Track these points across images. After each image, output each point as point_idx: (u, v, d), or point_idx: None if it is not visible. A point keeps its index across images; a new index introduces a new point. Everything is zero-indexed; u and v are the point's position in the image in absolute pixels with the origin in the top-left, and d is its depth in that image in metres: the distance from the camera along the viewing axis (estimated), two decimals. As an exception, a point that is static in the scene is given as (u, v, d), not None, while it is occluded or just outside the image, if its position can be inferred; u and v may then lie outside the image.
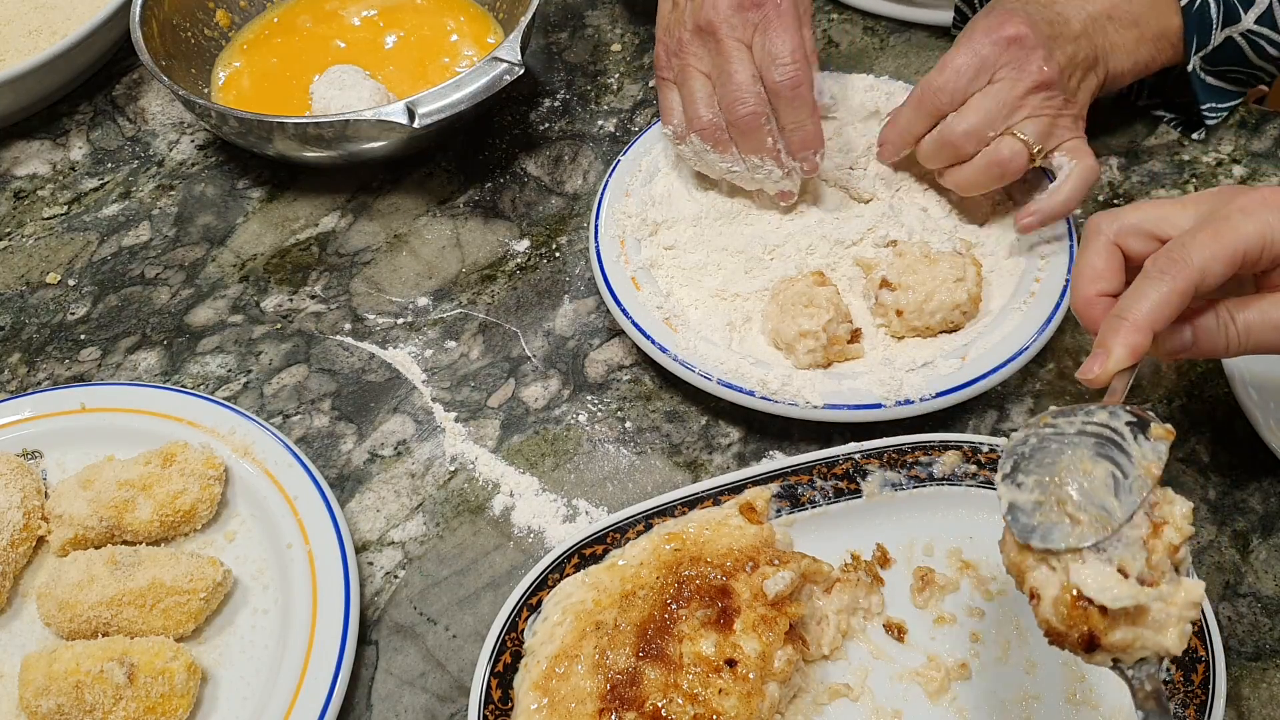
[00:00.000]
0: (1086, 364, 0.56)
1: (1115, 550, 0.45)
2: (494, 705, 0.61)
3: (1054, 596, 0.46)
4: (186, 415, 0.75)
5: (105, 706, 0.60)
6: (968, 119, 0.77)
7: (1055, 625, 0.46)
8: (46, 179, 0.99)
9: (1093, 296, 0.59)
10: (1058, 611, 0.46)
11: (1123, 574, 0.45)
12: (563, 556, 0.66)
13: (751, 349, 0.77)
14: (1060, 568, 0.46)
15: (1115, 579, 0.45)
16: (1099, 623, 0.45)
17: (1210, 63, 0.87)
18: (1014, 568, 0.49)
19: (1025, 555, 0.48)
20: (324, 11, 1.07)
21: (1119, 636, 0.45)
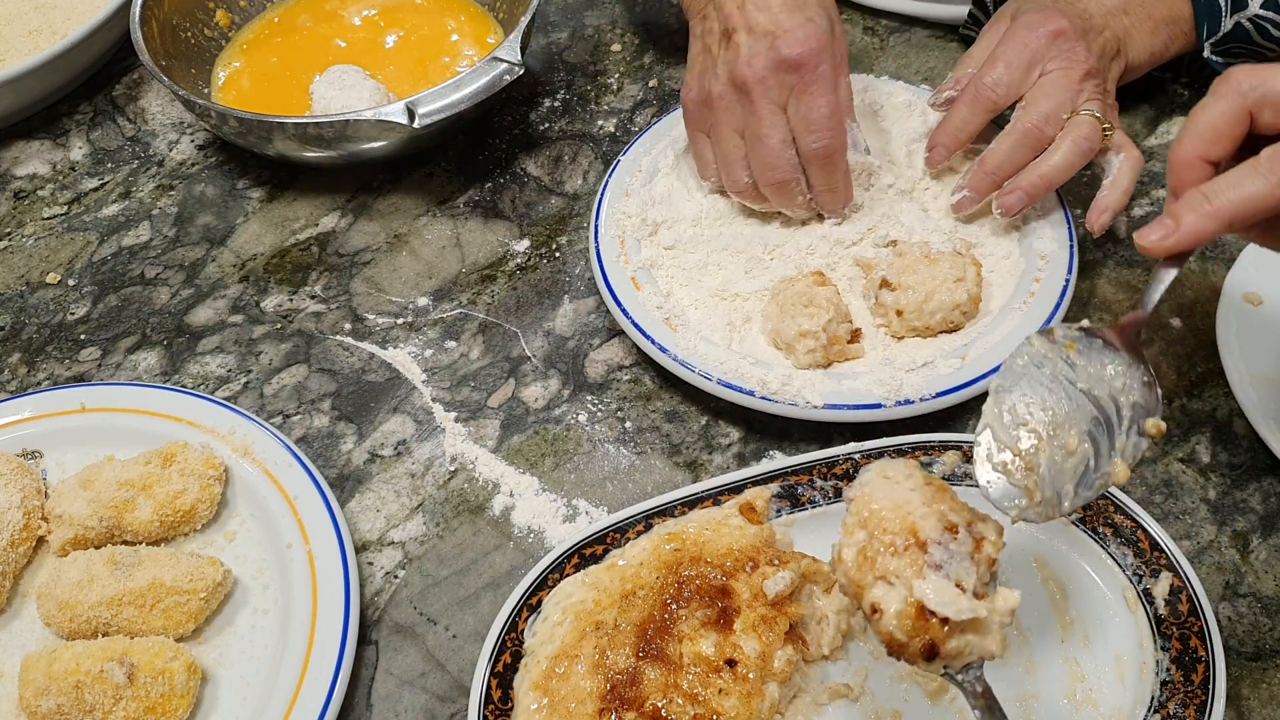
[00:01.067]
0: (1149, 227, 0.54)
1: (952, 567, 0.49)
2: (494, 705, 0.61)
3: (897, 610, 0.49)
4: (186, 415, 0.75)
5: (105, 706, 0.60)
6: (1041, 105, 0.77)
7: (898, 637, 0.49)
8: (46, 179, 0.99)
9: (1195, 158, 0.55)
10: (901, 624, 0.49)
11: (960, 588, 0.48)
12: (563, 556, 0.66)
13: (751, 349, 0.77)
14: (901, 583, 0.49)
15: (955, 594, 0.48)
16: (939, 633, 0.48)
17: (1219, 46, 0.87)
18: (852, 584, 0.51)
19: (865, 573, 0.50)
20: (324, 11, 1.07)
21: (954, 645, 0.49)
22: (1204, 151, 0.55)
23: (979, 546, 0.51)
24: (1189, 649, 0.62)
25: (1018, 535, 0.69)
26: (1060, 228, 0.80)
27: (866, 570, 0.50)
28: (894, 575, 0.49)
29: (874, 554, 0.50)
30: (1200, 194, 0.53)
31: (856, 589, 0.51)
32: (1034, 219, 0.82)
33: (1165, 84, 0.99)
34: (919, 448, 0.70)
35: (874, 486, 0.53)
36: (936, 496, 0.52)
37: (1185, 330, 0.81)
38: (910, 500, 0.52)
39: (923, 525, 0.50)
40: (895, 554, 0.50)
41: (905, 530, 0.50)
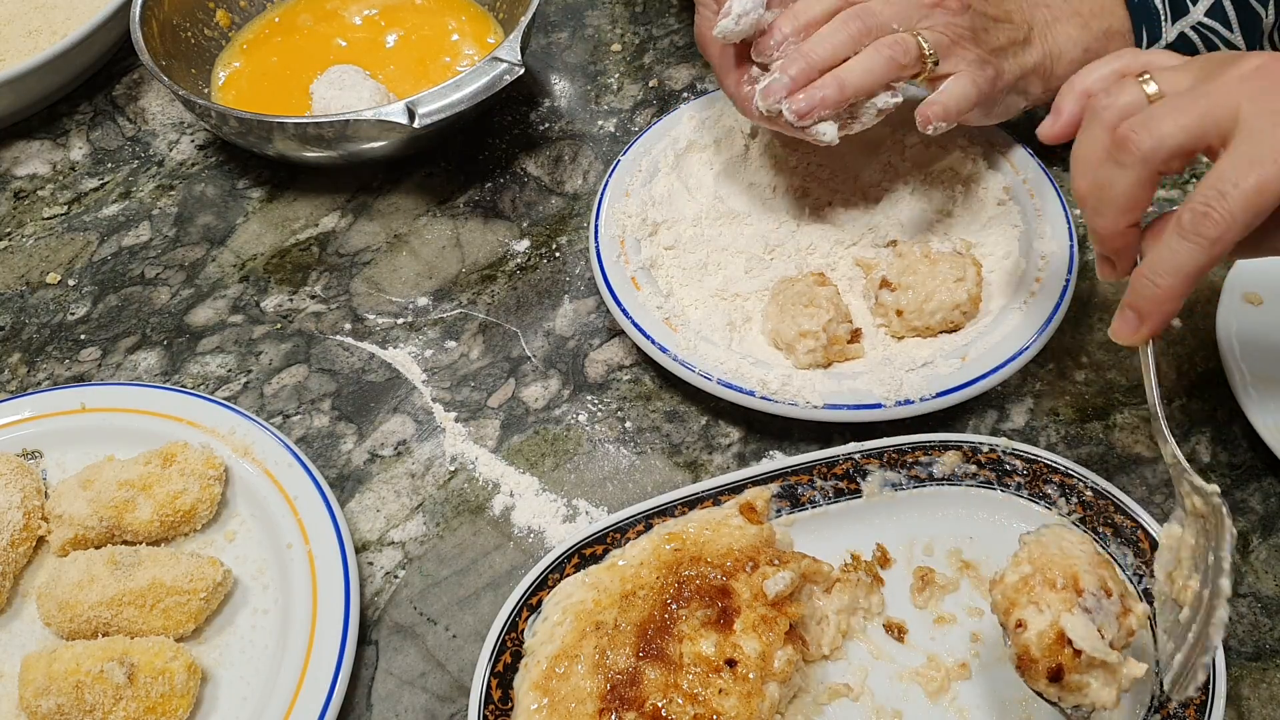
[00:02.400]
0: (1119, 324, 0.56)
1: (1099, 616, 0.55)
2: (494, 705, 0.61)
3: (1040, 630, 0.55)
4: (186, 415, 0.75)
5: (105, 706, 0.60)
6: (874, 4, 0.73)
7: (1034, 652, 0.55)
8: (46, 179, 0.99)
9: (1122, 228, 0.57)
10: (1040, 642, 0.55)
11: (1100, 634, 0.54)
12: (563, 556, 0.66)
13: (751, 349, 0.77)
14: (1050, 611, 0.55)
15: (1096, 635, 0.54)
16: (1070, 661, 0.54)
17: None
18: (1005, 601, 0.57)
19: (1020, 595, 0.56)
20: (324, 10, 1.07)
21: (1078, 679, 0.54)
22: (1129, 221, 0.58)
23: (1125, 614, 0.56)
24: (1189, 649, 0.61)
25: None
26: (1060, 228, 0.80)
27: (1023, 593, 0.56)
28: (1046, 604, 0.55)
29: (1034, 583, 0.56)
30: (1147, 279, 0.55)
31: (1009, 605, 0.57)
32: (1034, 219, 0.82)
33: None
34: (919, 448, 0.70)
35: (1051, 536, 0.59)
36: (1103, 564, 0.58)
37: (1185, 330, 0.81)
38: (1080, 557, 0.57)
39: (1084, 577, 0.56)
40: (1053, 589, 0.56)
41: (1068, 575, 0.56)
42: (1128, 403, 0.77)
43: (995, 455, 0.70)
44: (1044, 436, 0.76)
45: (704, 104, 0.91)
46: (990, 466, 0.69)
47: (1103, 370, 0.79)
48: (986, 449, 0.70)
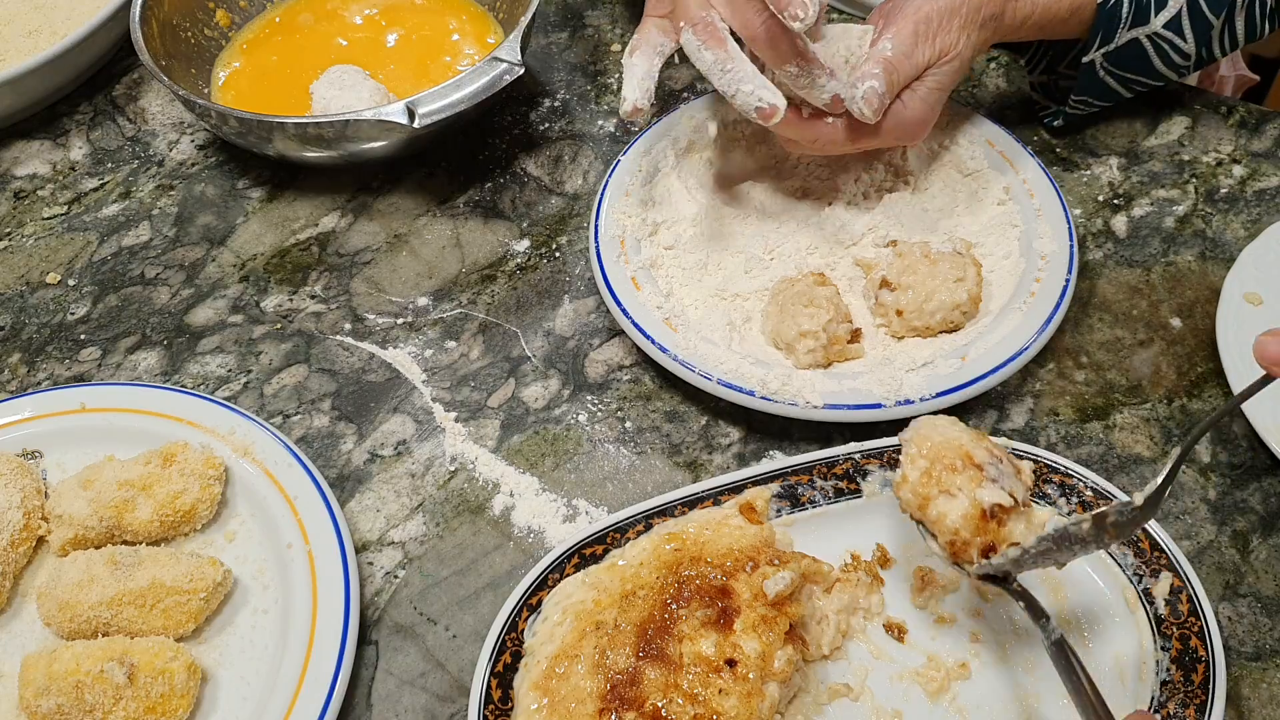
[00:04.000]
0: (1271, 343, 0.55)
1: (1003, 481, 0.59)
2: (494, 705, 0.61)
3: (963, 514, 0.59)
4: (186, 415, 0.75)
5: (105, 706, 0.60)
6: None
7: (964, 534, 0.59)
8: (46, 179, 0.99)
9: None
10: (967, 524, 0.59)
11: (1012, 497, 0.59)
12: (563, 556, 0.66)
13: (751, 349, 0.77)
14: (964, 494, 0.59)
15: (1009, 496, 0.59)
16: (997, 534, 0.59)
17: (1114, 64, 0.87)
18: (917, 498, 0.61)
19: (930, 488, 0.60)
20: (325, 10, 1.07)
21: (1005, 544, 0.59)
22: None
23: (1018, 472, 0.61)
24: (1189, 649, 0.62)
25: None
26: (1060, 228, 0.80)
27: (931, 486, 0.60)
28: (956, 488, 0.59)
29: (937, 474, 0.60)
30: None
31: (921, 501, 0.60)
32: (1034, 219, 0.82)
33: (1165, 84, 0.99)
34: (919, 448, 0.70)
35: (927, 429, 0.63)
36: (978, 437, 0.62)
37: (1185, 330, 0.81)
38: (960, 437, 0.62)
39: (975, 452, 0.60)
40: (956, 472, 0.60)
41: (961, 456, 0.60)
42: (1128, 403, 0.77)
43: (995, 455, 0.70)
44: (1044, 436, 0.76)
45: (704, 104, 0.91)
46: (990, 466, 0.69)
47: (1103, 370, 0.79)
48: (986, 449, 0.70)
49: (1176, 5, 0.83)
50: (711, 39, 0.72)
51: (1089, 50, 0.85)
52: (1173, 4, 0.83)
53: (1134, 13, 0.83)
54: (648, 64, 0.76)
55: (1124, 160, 0.93)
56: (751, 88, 0.71)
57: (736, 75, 0.72)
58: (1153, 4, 0.83)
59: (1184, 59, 0.86)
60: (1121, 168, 0.93)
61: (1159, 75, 0.88)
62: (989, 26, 0.80)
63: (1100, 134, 0.95)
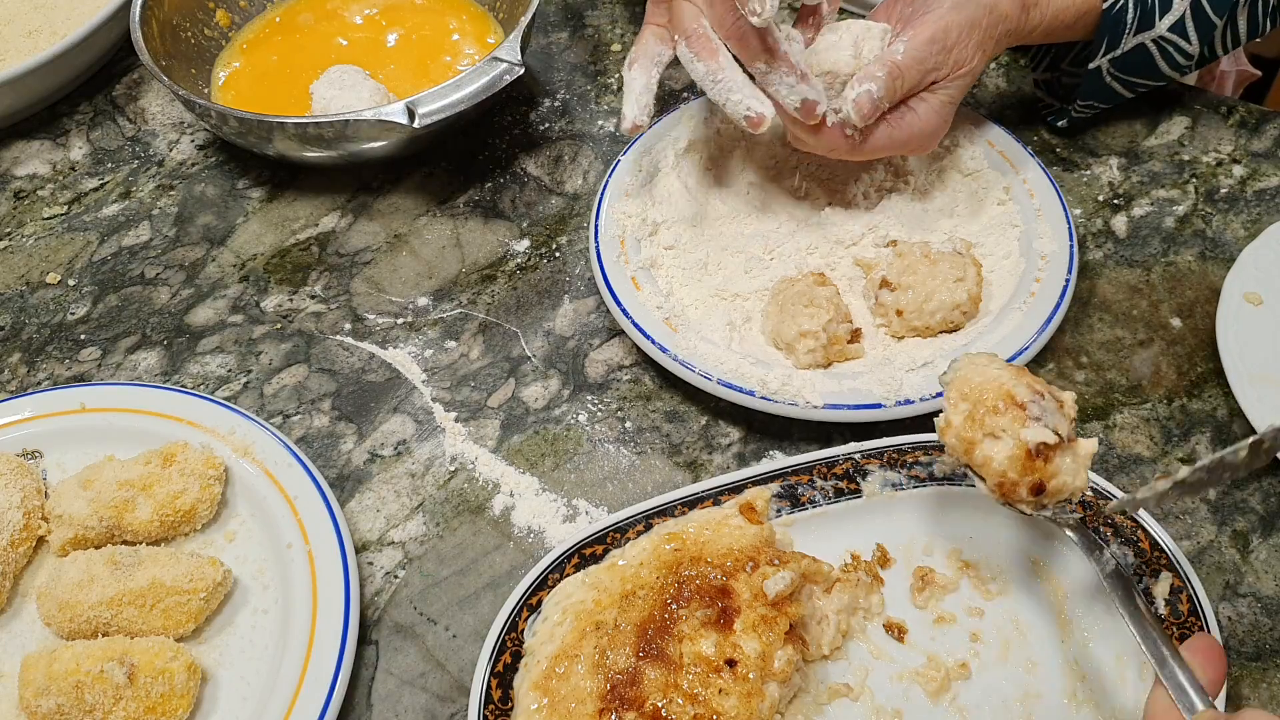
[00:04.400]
0: None
1: (1047, 419, 0.59)
2: (494, 705, 0.61)
3: (1009, 455, 0.59)
4: (186, 415, 0.75)
5: (105, 706, 0.60)
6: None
7: (1011, 476, 0.59)
8: (46, 179, 0.99)
9: None
10: (1014, 465, 0.59)
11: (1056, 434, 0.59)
12: (563, 556, 0.66)
13: (751, 349, 0.77)
14: (1008, 435, 0.59)
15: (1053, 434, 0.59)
16: (1045, 472, 0.58)
17: (1120, 69, 0.87)
18: (962, 442, 0.61)
19: (974, 432, 0.60)
20: (325, 10, 1.07)
21: (1055, 483, 0.58)
22: None
23: (1060, 405, 0.61)
24: (1189, 649, 0.61)
25: (1018, 535, 0.69)
26: (1060, 228, 0.80)
27: (975, 429, 0.60)
28: (1000, 430, 0.59)
29: (980, 417, 0.60)
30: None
31: (967, 445, 0.61)
32: (1034, 219, 0.82)
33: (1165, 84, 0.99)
34: (919, 448, 0.70)
35: (966, 369, 0.63)
36: (1019, 374, 0.62)
37: (1185, 330, 0.81)
38: (1000, 376, 0.61)
39: (1017, 391, 0.60)
40: (999, 414, 0.60)
41: (1003, 396, 0.60)
42: (1128, 403, 0.77)
43: (995, 455, 0.69)
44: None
45: (704, 104, 0.91)
46: (990, 466, 0.69)
47: (1103, 370, 0.79)
48: (986, 449, 0.70)
49: (1181, 8, 0.83)
50: (704, 50, 0.74)
51: (1095, 56, 0.85)
52: (1177, 7, 0.83)
53: (1139, 17, 0.83)
54: (646, 77, 0.77)
55: (1124, 160, 0.93)
56: (740, 96, 0.73)
57: (726, 85, 0.74)
58: (1157, 7, 0.83)
59: (1187, 59, 0.86)
60: (1121, 168, 0.93)
61: (1163, 76, 0.88)
62: (1003, 42, 0.80)
63: (1100, 134, 0.95)
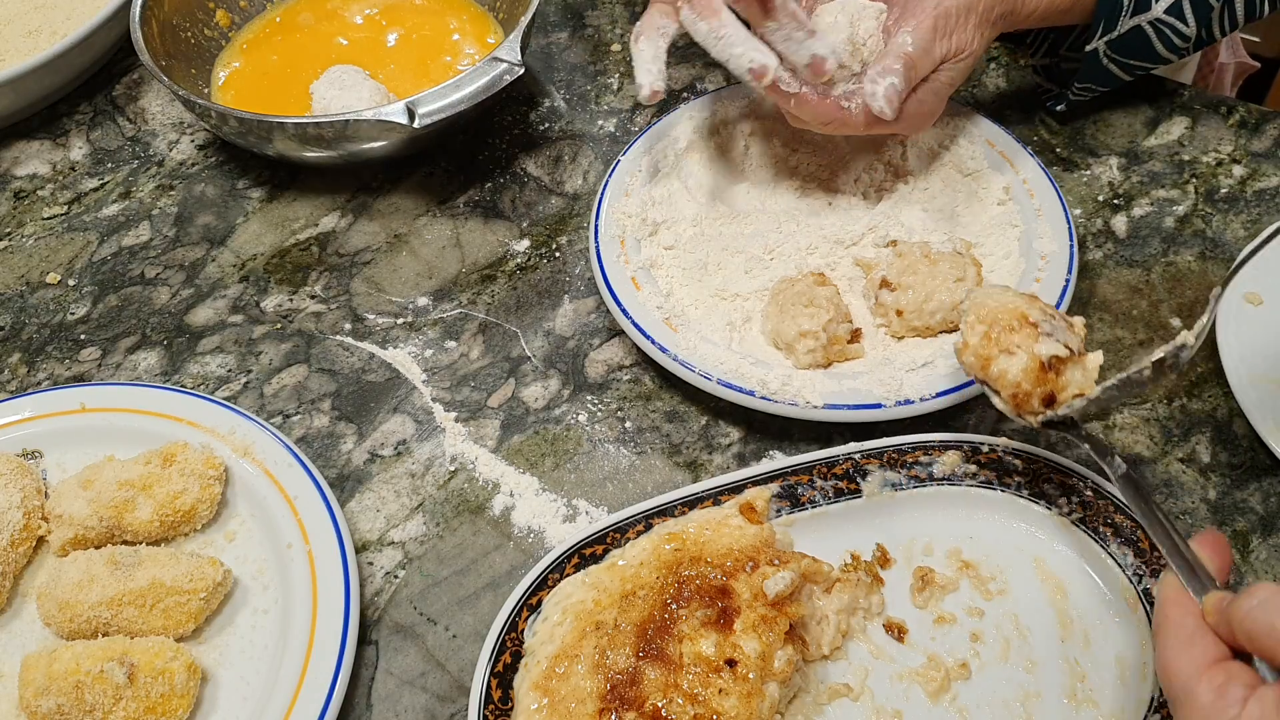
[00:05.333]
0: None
1: (1058, 335, 0.64)
2: (494, 705, 0.61)
3: (1024, 367, 0.63)
4: (186, 415, 0.75)
5: (105, 706, 0.60)
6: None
7: (1025, 387, 0.63)
8: (46, 179, 0.99)
9: None
10: (1028, 377, 0.63)
11: (1067, 348, 0.64)
12: (563, 556, 0.66)
13: (751, 349, 0.77)
14: (1023, 350, 0.64)
15: (1064, 347, 0.64)
16: (1056, 384, 0.63)
17: (1117, 51, 0.87)
18: (979, 359, 0.65)
19: (990, 349, 0.65)
20: (325, 10, 1.07)
21: (1065, 393, 0.63)
22: None
23: (1070, 326, 0.66)
24: (1189, 649, 0.61)
25: (1018, 535, 0.69)
26: (1060, 228, 0.80)
27: (991, 347, 0.65)
28: (1015, 346, 0.64)
29: (996, 335, 0.65)
30: None
31: (983, 362, 0.65)
32: (1034, 219, 0.82)
33: (1165, 84, 0.99)
34: (919, 448, 0.70)
35: (982, 297, 0.68)
36: (1031, 299, 0.67)
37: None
38: (1014, 299, 0.67)
39: (1030, 312, 0.65)
40: (1013, 331, 0.64)
41: (1017, 316, 0.65)
42: (1128, 403, 0.77)
43: (995, 455, 0.70)
44: (1044, 436, 0.76)
45: (704, 104, 0.91)
46: (990, 466, 0.69)
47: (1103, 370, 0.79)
48: (986, 449, 0.70)
49: None
50: (706, 10, 0.74)
51: (1092, 38, 0.86)
52: None
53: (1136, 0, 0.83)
54: (653, 48, 0.77)
55: (1124, 160, 0.93)
56: (742, 50, 0.73)
57: (729, 41, 0.73)
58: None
59: (1184, 41, 0.86)
60: (1121, 168, 0.93)
61: (1161, 58, 0.88)
62: (999, 24, 0.81)
63: (1100, 134, 0.95)
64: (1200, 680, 0.49)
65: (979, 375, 0.66)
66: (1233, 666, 0.50)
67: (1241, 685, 0.48)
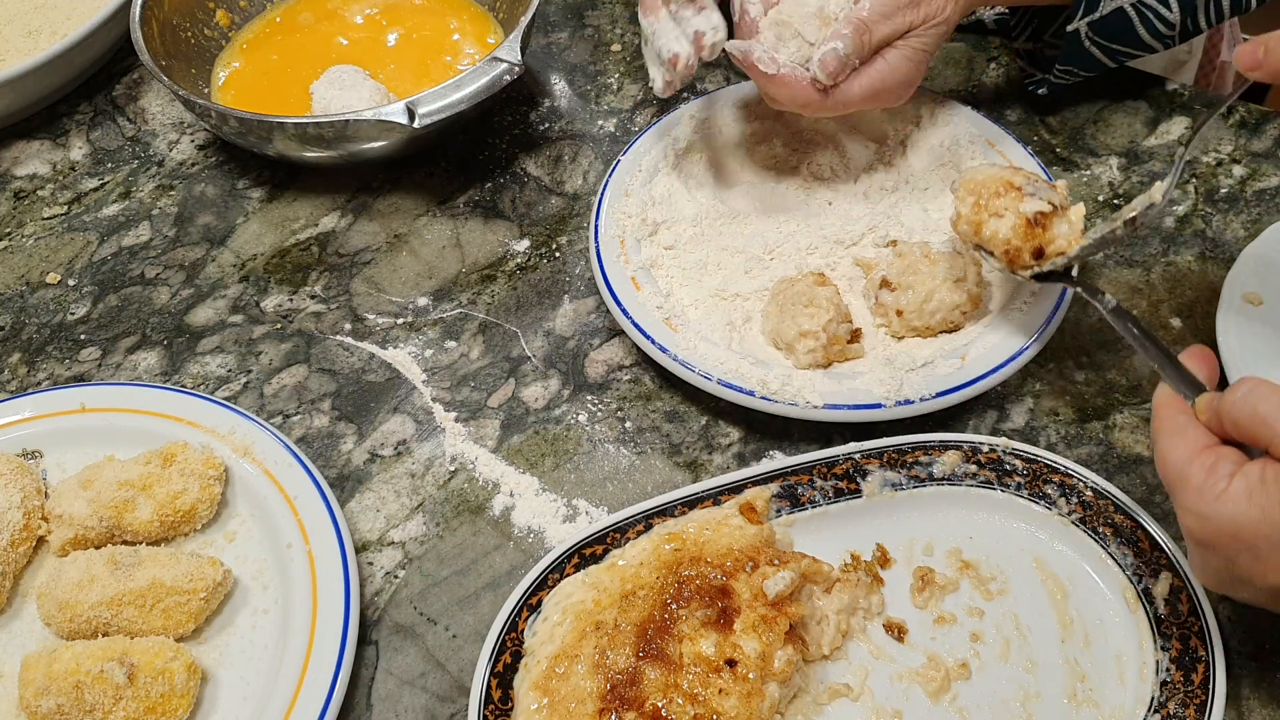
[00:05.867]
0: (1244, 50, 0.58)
1: (1040, 194, 0.70)
2: (494, 705, 0.61)
3: (1012, 225, 0.70)
4: (186, 415, 0.75)
5: (105, 706, 0.60)
6: None
7: (1015, 243, 0.70)
8: (46, 179, 0.99)
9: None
10: (1016, 233, 0.70)
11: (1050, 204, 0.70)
12: (563, 556, 0.66)
13: (751, 349, 0.77)
14: (1010, 212, 0.70)
15: (1047, 203, 0.70)
16: (1042, 237, 0.69)
17: (1099, 33, 0.87)
18: (971, 226, 0.72)
19: (981, 214, 0.71)
20: (325, 10, 1.07)
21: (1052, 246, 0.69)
22: None
23: (1053, 187, 0.71)
24: (1189, 649, 0.62)
25: (1018, 535, 0.69)
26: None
27: (981, 213, 0.71)
28: (1003, 209, 0.70)
29: (985, 201, 0.71)
30: None
31: (975, 227, 0.71)
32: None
33: (1165, 84, 0.99)
34: (919, 448, 0.70)
35: (971, 173, 0.73)
36: (1015, 169, 0.73)
37: (1185, 330, 0.81)
38: (1000, 171, 0.72)
39: (1014, 179, 0.71)
40: (1000, 196, 0.71)
41: (1003, 184, 0.71)
42: (1128, 403, 0.77)
43: (995, 455, 0.70)
44: (1044, 436, 0.76)
45: (704, 104, 0.91)
46: (990, 466, 0.69)
47: (1103, 370, 0.79)
48: (986, 449, 0.70)
49: None
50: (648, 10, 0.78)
51: (1074, 18, 0.85)
52: None
53: None
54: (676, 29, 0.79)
55: (1124, 160, 0.93)
56: (664, 41, 0.77)
57: (659, 34, 0.78)
58: None
59: (1169, 28, 0.86)
60: (1121, 168, 0.93)
61: (1144, 45, 0.87)
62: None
63: (1100, 134, 0.95)
64: (1192, 463, 0.54)
65: (973, 241, 0.72)
66: (1222, 449, 0.54)
67: (1230, 463, 0.53)
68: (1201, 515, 0.53)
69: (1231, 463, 0.53)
